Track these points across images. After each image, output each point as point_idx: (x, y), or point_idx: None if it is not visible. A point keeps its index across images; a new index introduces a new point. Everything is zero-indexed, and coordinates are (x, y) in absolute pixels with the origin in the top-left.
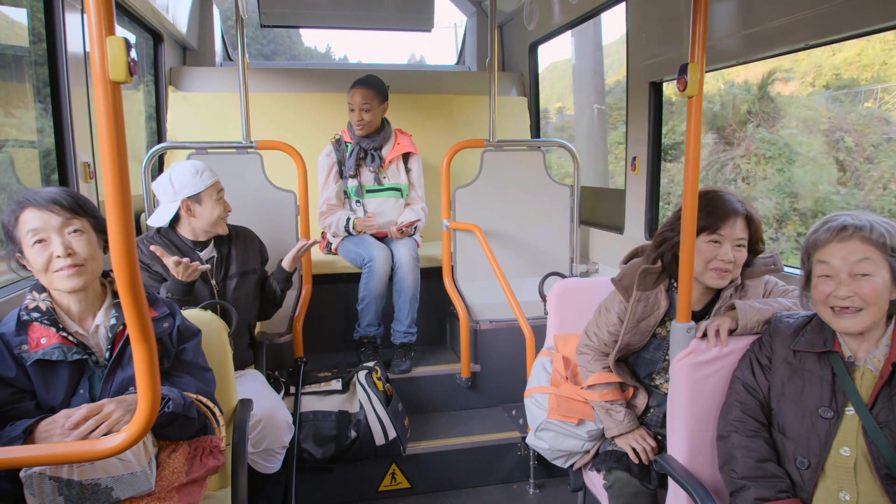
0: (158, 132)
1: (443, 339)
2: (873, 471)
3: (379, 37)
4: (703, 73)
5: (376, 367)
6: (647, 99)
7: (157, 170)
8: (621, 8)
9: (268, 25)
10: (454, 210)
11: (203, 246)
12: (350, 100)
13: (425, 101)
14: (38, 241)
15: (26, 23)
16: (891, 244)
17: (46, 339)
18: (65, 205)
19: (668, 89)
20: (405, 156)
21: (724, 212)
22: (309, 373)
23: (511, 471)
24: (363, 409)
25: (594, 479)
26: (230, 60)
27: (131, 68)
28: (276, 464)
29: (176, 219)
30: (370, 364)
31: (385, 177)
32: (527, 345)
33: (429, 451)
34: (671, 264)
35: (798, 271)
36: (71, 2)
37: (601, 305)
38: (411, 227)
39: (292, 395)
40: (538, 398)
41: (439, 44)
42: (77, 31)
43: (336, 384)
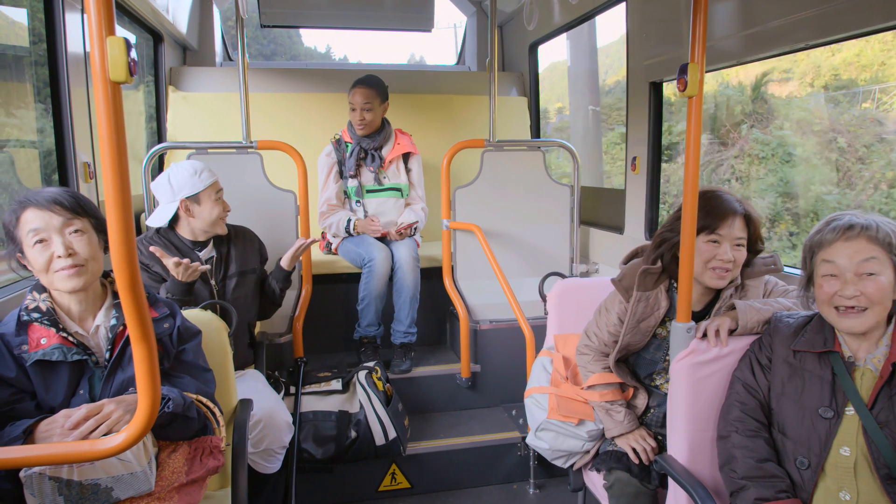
0: (158, 132)
1: (443, 339)
2: (873, 471)
3: (379, 37)
4: (703, 73)
5: (376, 367)
6: (647, 99)
7: (158, 170)
8: (621, 8)
9: (268, 25)
10: (454, 210)
11: (202, 246)
12: (351, 99)
13: (425, 101)
14: (39, 241)
15: (26, 23)
16: None
17: (46, 340)
18: (66, 205)
19: (668, 89)
20: (405, 156)
21: (723, 211)
22: (309, 373)
23: (511, 471)
24: (363, 409)
25: (594, 479)
26: (230, 60)
27: (131, 68)
28: (276, 464)
29: (175, 219)
30: (370, 364)
31: (385, 177)
32: (527, 345)
33: (429, 451)
34: (671, 264)
35: (797, 271)
36: (71, 2)
37: (601, 306)
38: (410, 229)
39: (292, 395)
40: (538, 398)
41: (439, 44)
42: (77, 31)
43: (336, 384)
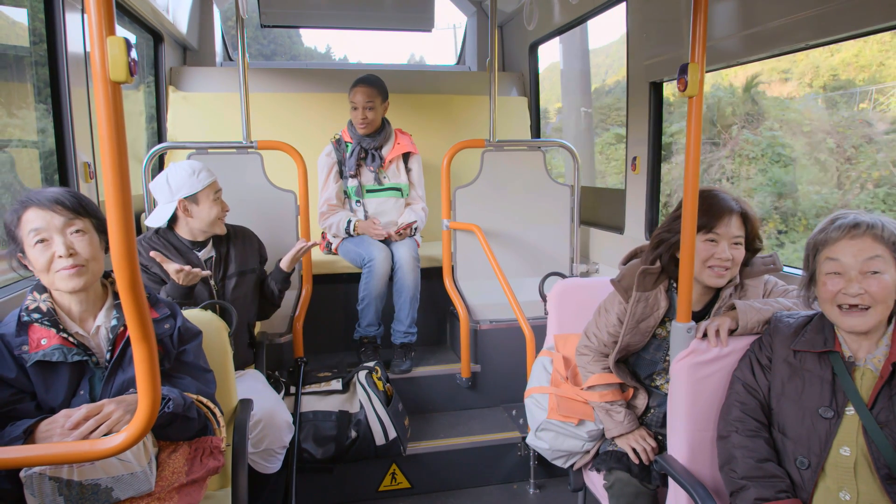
0: (159, 132)
1: (443, 339)
2: (873, 471)
3: (379, 37)
4: (704, 73)
5: (376, 367)
6: (647, 99)
7: (158, 170)
8: (621, 8)
9: (268, 25)
10: (454, 210)
11: (201, 246)
12: (353, 98)
13: (425, 101)
14: (40, 241)
15: (27, 23)
16: None
17: (47, 341)
18: (67, 205)
19: (668, 90)
20: (405, 155)
21: (720, 210)
22: (309, 373)
23: (511, 471)
24: (363, 409)
25: (594, 480)
26: (230, 60)
27: (132, 68)
28: (276, 464)
29: (174, 219)
30: (370, 364)
31: (385, 177)
32: (527, 345)
33: (429, 451)
34: (669, 265)
35: (796, 271)
36: (71, 2)
37: (600, 306)
38: (409, 229)
39: (292, 395)
40: (538, 398)
41: (439, 44)
42: (77, 31)
43: (336, 384)
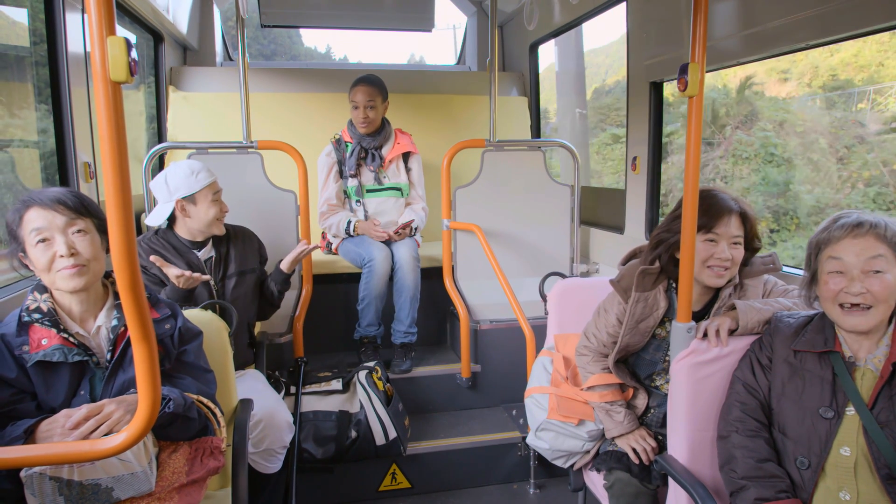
0: (159, 132)
1: (443, 339)
2: (873, 471)
3: (379, 37)
4: (704, 72)
5: (377, 367)
6: (647, 99)
7: (158, 170)
8: (621, 8)
9: (268, 25)
10: (454, 210)
11: (201, 246)
12: (353, 98)
13: (425, 101)
14: (42, 241)
15: (27, 23)
16: None
17: (47, 341)
18: (69, 205)
19: (668, 90)
20: (405, 155)
21: (718, 210)
22: (309, 373)
23: (511, 471)
24: (363, 408)
25: (594, 479)
26: (230, 60)
27: (132, 68)
28: (276, 464)
29: (173, 219)
30: (370, 364)
31: (385, 176)
32: (527, 345)
33: (429, 451)
34: (668, 265)
35: (795, 271)
36: (71, 2)
37: (600, 307)
38: (408, 228)
39: (293, 395)
40: (538, 398)
41: (439, 44)
42: (78, 31)
43: (336, 384)
